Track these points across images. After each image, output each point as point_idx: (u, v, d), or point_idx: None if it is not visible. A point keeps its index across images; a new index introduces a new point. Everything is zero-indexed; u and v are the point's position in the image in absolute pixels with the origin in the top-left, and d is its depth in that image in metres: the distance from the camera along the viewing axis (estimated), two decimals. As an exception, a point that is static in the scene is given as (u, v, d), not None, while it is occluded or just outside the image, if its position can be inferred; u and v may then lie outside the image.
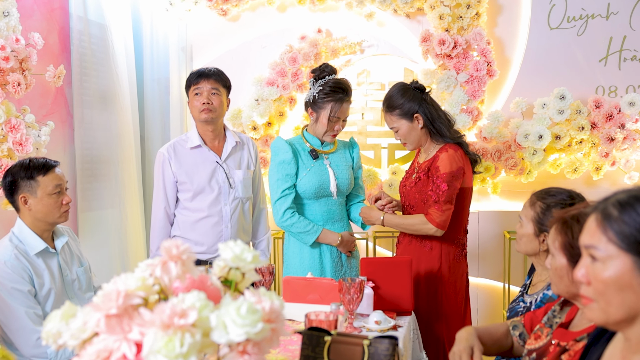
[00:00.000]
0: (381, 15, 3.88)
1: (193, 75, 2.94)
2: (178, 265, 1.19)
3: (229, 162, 3.01)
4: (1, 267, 2.28)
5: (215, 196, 2.94)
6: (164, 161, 2.97)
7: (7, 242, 2.36)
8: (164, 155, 2.97)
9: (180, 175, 2.95)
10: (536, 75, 3.78)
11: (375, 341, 1.67)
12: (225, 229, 2.96)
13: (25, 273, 2.30)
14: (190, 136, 3.00)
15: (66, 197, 2.45)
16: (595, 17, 3.72)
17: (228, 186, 2.97)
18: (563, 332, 1.66)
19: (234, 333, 1.07)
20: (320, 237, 2.83)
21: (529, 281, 2.28)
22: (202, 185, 2.93)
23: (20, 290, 2.27)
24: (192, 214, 2.96)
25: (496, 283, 3.85)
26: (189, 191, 2.95)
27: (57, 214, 2.43)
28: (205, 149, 2.98)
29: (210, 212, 2.94)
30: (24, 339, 2.27)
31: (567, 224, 1.56)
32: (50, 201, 2.39)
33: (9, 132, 2.71)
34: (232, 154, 3.02)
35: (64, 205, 2.44)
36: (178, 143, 3.01)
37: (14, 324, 2.27)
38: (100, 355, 1.10)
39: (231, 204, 2.97)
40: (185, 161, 2.96)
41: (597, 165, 3.67)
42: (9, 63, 2.68)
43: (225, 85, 2.97)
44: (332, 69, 2.87)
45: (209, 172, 2.95)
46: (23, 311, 2.26)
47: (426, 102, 2.76)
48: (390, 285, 2.43)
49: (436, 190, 2.63)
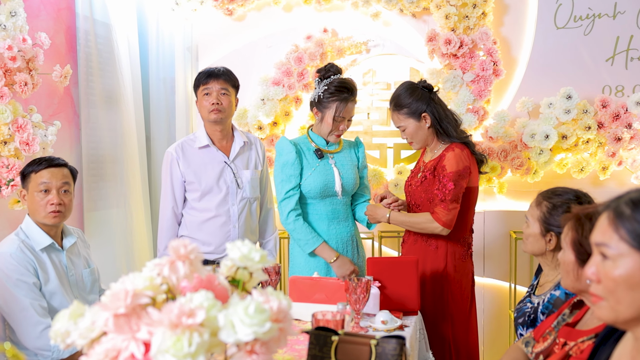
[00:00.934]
0: (387, 15, 3.88)
1: (202, 75, 2.93)
2: (186, 265, 1.19)
3: (237, 162, 3.00)
4: (7, 259, 2.29)
5: (223, 196, 2.94)
6: (172, 161, 2.96)
7: (14, 236, 2.38)
8: (172, 154, 2.96)
9: (188, 175, 2.94)
10: (542, 75, 3.77)
11: (383, 341, 1.67)
12: (233, 229, 2.96)
13: (30, 266, 2.31)
14: (198, 136, 2.99)
15: (54, 198, 2.38)
16: (602, 17, 3.71)
17: (236, 186, 2.96)
18: (569, 331, 1.66)
19: (242, 332, 1.07)
20: (318, 249, 2.80)
21: (536, 281, 2.27)
22: (210, 185, 2.93)
23: (25, 282, 2.28)
24: (200, 214, 2.95)
25: (502, 283, 3.84)
26: (196, 191, 2.94)
27: (43, 214, 2.38)
28: (213, 148, 2.97)
29: (218, 212, 2.93)
30: (28, 331, 2.27)
31: (580, 221, 1.58)
32: (36, 199, 2.38)
33: (15, 132, 2.72)
34: (240, 153, 3.02)
35: (49, 205, 2.37)
36: (186, 143, 3.00)
37: (18, 315, 2.27)
38: (109, 355, 1.10)
39: (239, 204, 2.97)
40: (193, 161, 2.95)
41: (604, 165, 3.66)
42: (16, 63, 2.69)
43: (234, 85, 2.97)
44: (337, 69, 2.87)
45: (217, 172, 2.94)
46: (28, 302, 2.26)
47: (434, 101, 2.75)
48: (396, 285, 2.43)
49: (442, 189, 2.62)
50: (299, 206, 2.84)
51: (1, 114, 2.65)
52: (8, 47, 2.65)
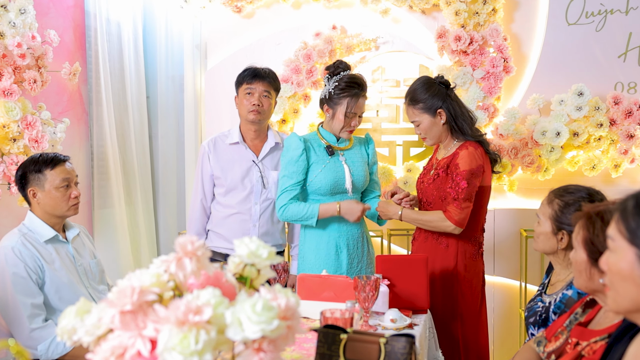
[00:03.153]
0: (396, 12, 3.85)
1: (248, 74, 2.94)
2: (193, 262, 1.19)
3: (266, 162, 3.02)
4: (8, 253, 2.30)
5: (246, 194, 2.97)
6: (204, 154, 3.03)
7: (16, 231, 2.41)
8: (204, 148, 3.04)
9: (216, 170, 2.99)
10: (554, 72, 3.73)
11: (392, 339, 1.66)
12: (253, 227, 2.98)
13: (31, 260, 2.32)
14: (232, 132, 3.04)
15: (75, 191, 2.47)
16: (614, 13, 3.67)
17: (261, 186, 2.98)
18: (581, 331, 1.64)
19: (249, 330, 1.06)
20: (321, 212, 2.78)
21: (547, 280, 2.25)
22: (235, 182, 2.97)
23: (22, 277, 2.29)
24: (224, 210, 3.01)
25: (512, 282, 3.81)
26: (222, 186, 3.00)
27: (65, 207, 2.45)
28: (243, 146, 3.01)
29: (239, 209, 2.97)
30: (20, 330, 2.29)
31: (591, 220, 1.56)
32: (57, 194, 2.42)
33: (25, 129, 2.72)
34: (270, 154, 3.04)
35: (72, 198, 2.46)
36: (219, 138, 3.06)
37: (11, 314, 2.29)
38: (115, 352, 1.09)
39: (262, 204, 2.99)
40: (222, 156, 3.01)
41: (616, 162, 3.62)
42: (25, 60, 2.70)
43: (276, 88, 3.00)
44: (346, 65, 2.86)
45: (243, 170, 2.98)
46: (19, 300, 2.26)
47: (450, 98, 2.72)
48: (406, 283, 2.41)
49: (455, 188, 2.60)
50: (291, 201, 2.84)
51: (10, 111, 2.66)
52: (17, 45, 2.66)
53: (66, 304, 2.25)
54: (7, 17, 2.67)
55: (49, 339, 2.28)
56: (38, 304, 2.31)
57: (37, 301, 2.31)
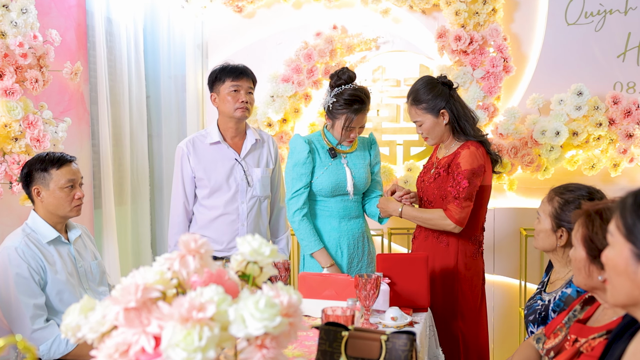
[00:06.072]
0: (397, 12, 3.86)
1: (234, 71, 2.88)
2: (196, 259, 1.19)
3: (248, 160, 2.98)
4: (11, 253, 2.30)
5: (232, 194, 2.93)
6: (183, 156, 2.94)
7: (19, 231, 2.41)
8: (183, 150, 2.95)
9: (198, 172, 2.93)
10: (553, 71, 3.74)
11: (393, 336, 1.67)
12: (242, 227, 2.95)
13: (33, 260, 2.32)
14: (210, 132, 2.98)
15: (79, 192, 2.47)
16: (613, 13, 3.68)
17: (246, 184, 2.94)
18: (580, 327, 1.65)
19: (252, 327, 1.07)
20: (316, 253, 2.79)
21: (547, 278, 2.26)
22: (219, 182, 2.92)
23: (24, 278, 2.29)
24: (209, 212, 2.95)
25: (512, 280, 3.82)
26: (205, 188, 2.93)
27: (68, 208, 2.45)
28: (224, 145, 2.95)
29: (226, 209, 2.92)
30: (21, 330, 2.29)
31: (590, 217, 1.58)
32: (61, 194, 2.42)
33: (26, 128, 2.73)
34: (251, 151, 3.00)
35: (75, 199, 2.46)
36: (197, 138, 2.98)
37: (13, 314, 2.29)
38: (119, 349, 1.10)
39: (248, 202, 2.96)
40: (203, 157, 2.94)
41: (615, 161, 3.63)
42: (26, 60, 2.70)
43: (255, 83, 2.98)
44: (349, 76, 2.78)
45: (227, 169, 2.93)
46: (22, 301, 2.27)
47: (453, 98, 2.72)
48: (406, 282, 2.42)
49: (456, 187, 2.61)
50: (306, 205, 2.83)
51: (12, 110, 2.67)
52: (19, 44, 2.67)
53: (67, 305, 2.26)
54: (9, 16, 2.68)
55: (50, 339, 2.29)
56: (40, 304, 2.31)
57: (39, 302, 2.31)
